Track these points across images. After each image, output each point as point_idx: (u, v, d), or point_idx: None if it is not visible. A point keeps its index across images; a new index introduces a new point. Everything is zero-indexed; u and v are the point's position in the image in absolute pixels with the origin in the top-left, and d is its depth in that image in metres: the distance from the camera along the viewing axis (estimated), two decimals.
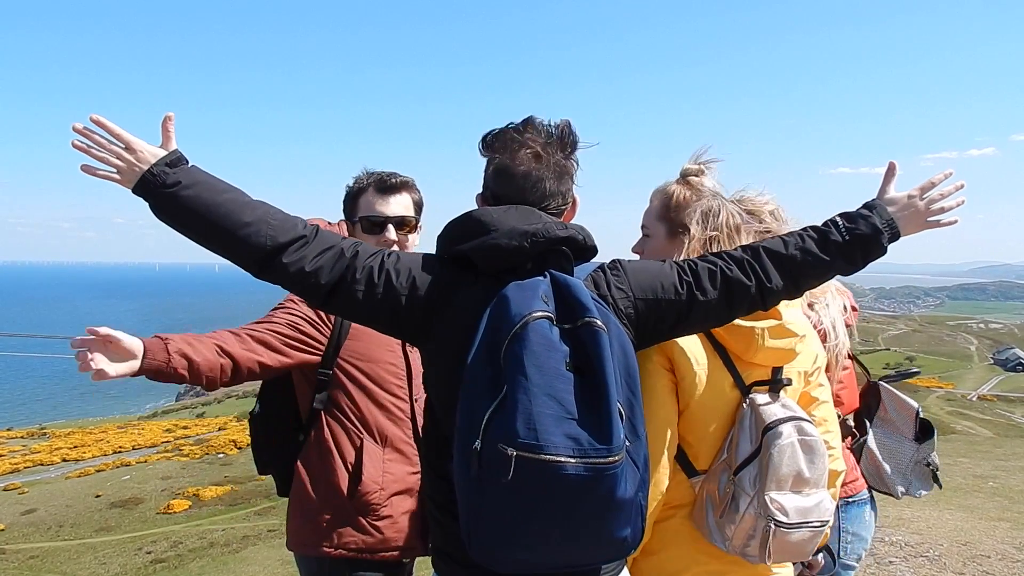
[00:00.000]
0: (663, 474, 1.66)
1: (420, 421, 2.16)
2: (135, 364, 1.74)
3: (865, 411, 2.38)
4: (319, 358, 2.11)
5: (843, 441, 2.21)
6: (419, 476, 2.14)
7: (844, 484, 2.19)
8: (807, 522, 1.60)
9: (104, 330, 1.68)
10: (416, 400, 2.18)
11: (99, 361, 1.66)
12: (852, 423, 2.38)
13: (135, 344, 1.75)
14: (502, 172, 1.51)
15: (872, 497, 2.34)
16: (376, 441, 2.11)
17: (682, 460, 1.72)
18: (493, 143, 1.53)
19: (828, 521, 1.63)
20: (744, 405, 1.69)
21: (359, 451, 2.08)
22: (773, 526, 1.58)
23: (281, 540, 2.28)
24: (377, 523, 2.07)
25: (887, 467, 2.29)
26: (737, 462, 1.65)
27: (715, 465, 1.69)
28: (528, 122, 1.53)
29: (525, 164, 1.49)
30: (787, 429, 1.61)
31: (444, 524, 1.48)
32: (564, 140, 1.53)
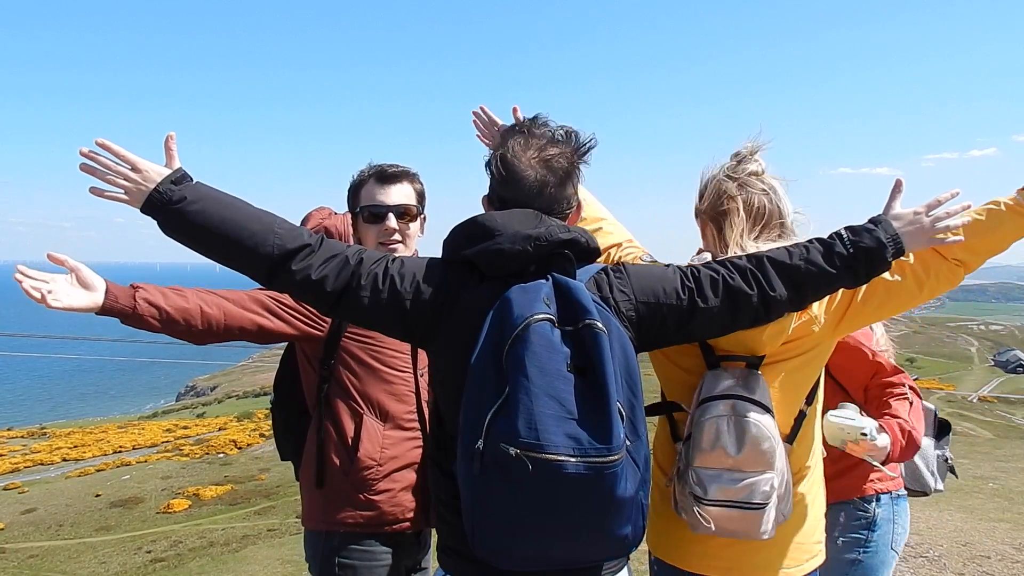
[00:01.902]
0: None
1: (424, 396, 2.21)
2: (97, 298, 1.74)
3: None
4: (322, 335, 2.15)
5: None
6: (421, 450, 2.19)
7: (889, 480, 2.40)
8: (731, 501, 1.58)
9: (62, 256, 1.68)
10: (421, 375, 2.22)
11: (56, 290, 1.65)
12: None
13: (97, 280, 1.76)
14: (509, 176, 1.51)
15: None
16: (377, 417, 2.15)
17: (671, 424, 1.80)
18: (503, 150, 1.53)
19: (765, 504, 1.58)
20: (701, 380, 1.70)
21: (358, 428, 2.12)
22: (692, 499, 1.59)
23: (281, 540, 2.31)
24: (374, 498, 2.11)
25: (922, 467, 2.51)
26: (685, 433, 1.67)
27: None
28: (534, 123, 1.54)
29: (531, 169, 1.50)
30: (718, 407, 1.60)
31: (449, 521, 1.50)
32: (571, 144, 1.54)
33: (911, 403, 2.25)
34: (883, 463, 2.08)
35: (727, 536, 1.64)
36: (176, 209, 1.45)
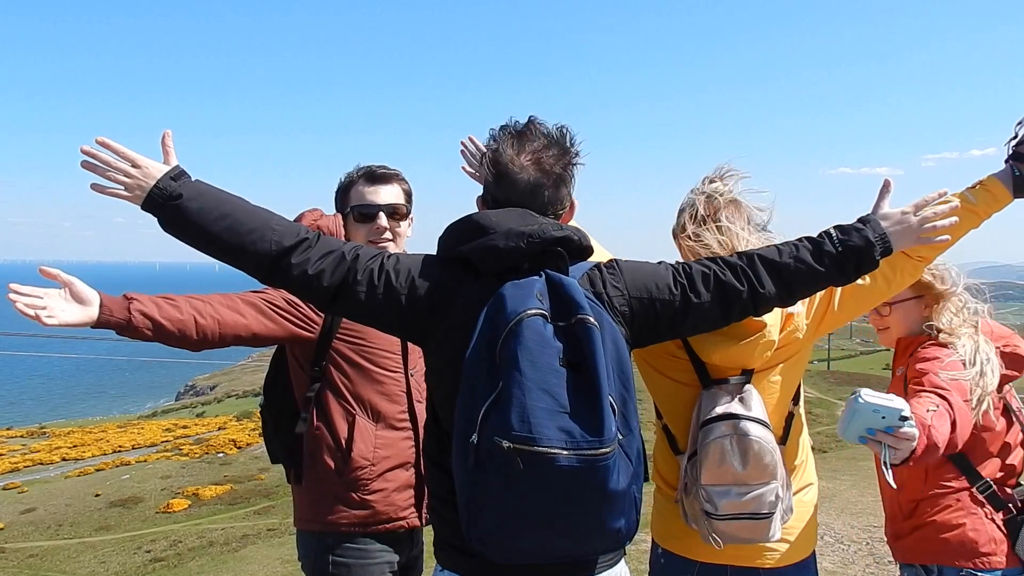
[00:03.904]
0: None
1: (416, 395, 2.23)
2: (91, 313, 1.77)
3: None
4: (313, 336, 2.17)
5: (998, 513, 2.02)
6: (415, 449, 2.21)
7: (978, 556, 1.99)
8: (741, 514, 1.68)
9: (54, 271, 1.70)
10: (412, 374, 2.25)
11: (51, 307, 1.67)
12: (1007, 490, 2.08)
13: (91, 293, 1.78)
14: (504, 178, 1.53)
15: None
16: (369, 417, 2.17)
17: (669, 437, 1.88)
18: (494, 148, 1.55)
19: (772, 512, 1.69)
20: (698, 400, 1.79)
21: (351, 428, 2.15)
22: (704, 515, 1.69)
23: (280, 539, 2.33)
24: (368, 498, 2.13)
25: None
26: (689, 451, 1.76)
27: (687, 450, 1.80)
28: (528, 126, 1.56)
29: (526, 171, 1.52)
30: (720, 428, 1.68)
31: (445, 516, 1.52)
32: (564, 145, 1.56)
33: (943, 405, 1.83)
34: (897, 464, 1.63)
35: (739, 543, 1.74)
36: (175, 206, 1.47)
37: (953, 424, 1.80)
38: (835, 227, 1.65)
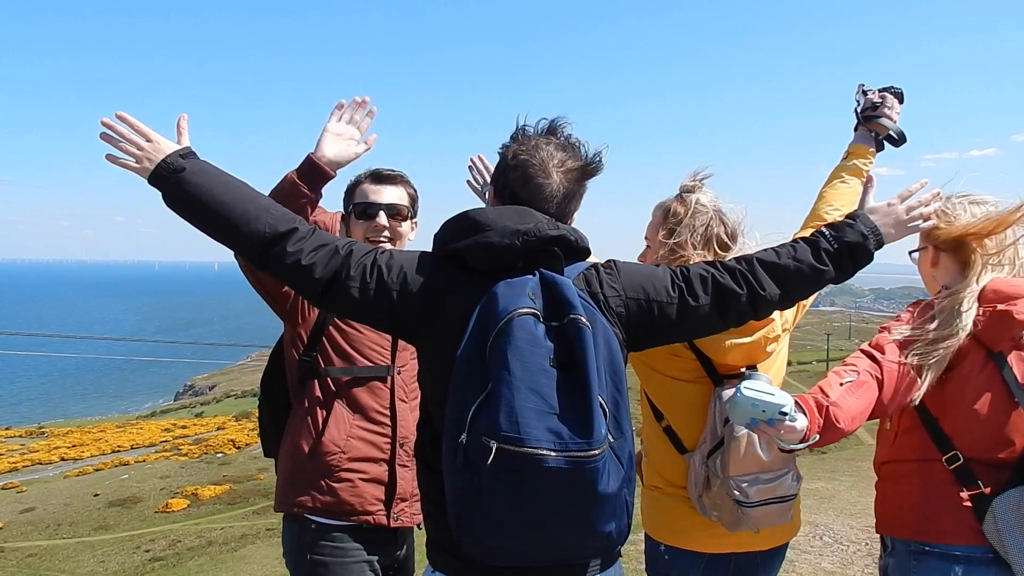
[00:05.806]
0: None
1: (399, 394, 2.24)
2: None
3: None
4: (309, 319, 2.22)
5: (964, 490, 1.76)
6: (390, 446, 2.22)
7: (923, 530, 1.78)
8: (770, 500, 1.78)
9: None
10: (399, 372, 2.26)
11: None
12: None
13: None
14: (531, 181, 1.53)
15: (991, 559, 1.73)
16: (347, 406, 2.19)
17: (673, 438, 1.91)
18: (528, 153, 1.54)
19: (794, 495, 1.83)
20: (713, 396, 1.83)
21: (327, 414, 2.17)
22: (738, 506, 1.76)
23: (279, 539, 2.32)
24: (335, 485, 2.13)
25: (1009, 540, 1.71)
26: (708, 448, 1.80)
27: (698, 447, 1.85)
28: (558, 132, 1.57)
29: (553, 178, 1.53)
30: None
31: (437, 517, 1.50)
32: (587, 159, 1.57)
33: (869, 370, 1.71)
34: (797, 449, 1.61)
35: (766, 527, 1.82)
36: (178, 179, 1.53)
37: (880, 385, 1.70)
38: (826, 226, 1.67)
